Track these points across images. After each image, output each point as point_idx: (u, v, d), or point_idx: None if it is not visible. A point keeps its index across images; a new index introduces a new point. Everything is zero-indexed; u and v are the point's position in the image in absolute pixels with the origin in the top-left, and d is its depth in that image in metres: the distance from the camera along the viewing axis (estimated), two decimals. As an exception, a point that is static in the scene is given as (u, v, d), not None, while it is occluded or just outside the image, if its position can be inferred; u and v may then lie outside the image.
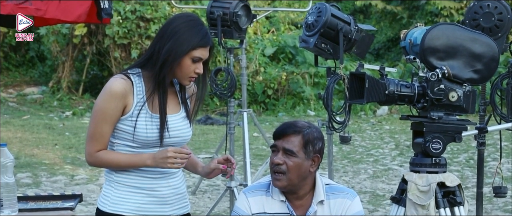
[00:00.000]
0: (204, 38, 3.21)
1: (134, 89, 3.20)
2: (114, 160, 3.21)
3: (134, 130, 3.17)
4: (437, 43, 3.50)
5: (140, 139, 3.18)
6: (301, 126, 3.30)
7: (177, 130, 3.23)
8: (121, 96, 3.16)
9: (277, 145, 3.31)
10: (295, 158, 3.26)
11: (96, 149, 3.21)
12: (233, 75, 6.19)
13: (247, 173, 6.92)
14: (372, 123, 13.17)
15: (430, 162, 3.55)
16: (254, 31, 15.48)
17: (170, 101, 3.26)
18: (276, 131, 3.34)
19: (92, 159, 3.24)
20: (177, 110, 3.27)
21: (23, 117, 13.13)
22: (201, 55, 3.20)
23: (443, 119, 3.52)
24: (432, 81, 3.48)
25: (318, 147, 3.29)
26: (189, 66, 3.20)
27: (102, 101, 3.20)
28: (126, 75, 3.22)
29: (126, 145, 3.21)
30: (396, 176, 8.88)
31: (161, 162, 3.17)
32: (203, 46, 3.21)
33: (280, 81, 14.68)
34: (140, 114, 3.18)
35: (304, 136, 3.28)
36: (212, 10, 6.03)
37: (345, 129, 4.82)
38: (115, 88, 3.18)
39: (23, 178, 8.40)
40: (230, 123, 6.61)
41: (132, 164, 3.21)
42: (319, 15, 4.63)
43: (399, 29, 17.30)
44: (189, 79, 3.23)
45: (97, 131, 3.20)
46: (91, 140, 3.22)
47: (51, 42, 15.36)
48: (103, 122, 3.18)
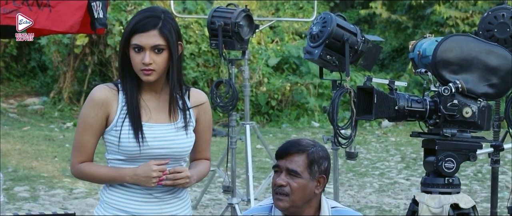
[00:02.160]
0: (139, 22, 2.93)
1: (119, 97, 2.98)
2: (93, 173, 2.99)
3: (119, 140, 2.94)
4: (450, 55, 3.29)
5: (124, 150, 2.95)
6: (306, 145, 3.09)
7: (163, 140, 2.97)
8: (101, 103, 2.95)
9: (280, 165, 3.09)
10: (299, 179, 3.05)
11: (78, 160, 3.01)
12: (234, 87, 5.98)
13: (250, 188, 6.74)
14: (377, 135, 12.96)
15: (442, 182, 3.33)
16: (257, 41, 15.32)
17: (165, 108, 3.01)
18: (278, 150, 3.13)
19: (74, 170, 3.05)
20: (170, 119, 3.01)
21: (23, 128, 12.94)
22: (139, 42, 2.91)
23: (457, 136, 3.30)
24: (444, 96, 3.27)
25: (323, 167, 3.08)
26: (133, 57, 2.94)
27: (83, 109, 3.00)
28: (115, 84, 3.01)
29: (116, 159, 2.99)
30: (403, 190, 8.67)
31: (143, 180, 2.92)
32: (138, 31, 2.91)
33: (284, 92, 14.51)
34: (124, 124, 2.95)
35: (309, 156, 3.06)
36: (213, 20, 5.81)
37: (352, 144, 4.61)
38: (95, 96, 2.97)
39: (21, 191, 8.21)
40: (231, 137, 6.39)
41: (110, 179, 2.97)
42: (324, 26, 4.43)
43: (404, 39, 17.14)
44: (142, 73, 2.94)
45: (78, 141, 3.00)
46: (74, 150, 3.03)
47: (52, 52, 15.22)
48: (84, 132, 2.98)
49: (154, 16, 2.94)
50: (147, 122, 2.97)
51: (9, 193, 8.13)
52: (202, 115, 3.13)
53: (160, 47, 2.94)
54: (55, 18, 4.23)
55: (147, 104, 3.00)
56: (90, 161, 3.01)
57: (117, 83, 3.01)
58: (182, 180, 2.96)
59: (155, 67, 2.93)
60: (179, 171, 2.96)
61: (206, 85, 14.01)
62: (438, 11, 15.63)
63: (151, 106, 3.01)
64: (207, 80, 14.17)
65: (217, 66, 14.04)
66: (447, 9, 15.62)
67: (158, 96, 3.03)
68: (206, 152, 3.20)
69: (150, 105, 3.00)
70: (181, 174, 2.96)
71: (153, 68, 2.93)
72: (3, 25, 4.20)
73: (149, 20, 2.92)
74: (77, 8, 4.29)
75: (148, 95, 3.02)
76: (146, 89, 3.01)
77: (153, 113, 3.00)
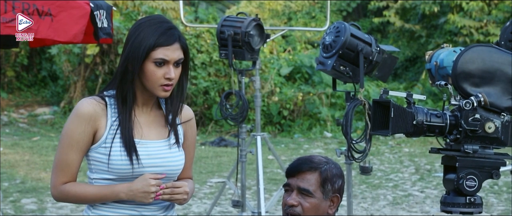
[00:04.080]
0: (163, 34, 2.72)
1: (108, 112, 2.75)
2: (81, 193, 2.72)
3: (109, 158, 2.71)
4: (471, 67, 3.10)
5: (115, 169, 2.73)
6: (318, 162, 2.91)
7: (157, 158, 2.77)
8: (88, 118, 2.71)
9: (290, 183, 2.91)
10: (312, 199, 2.87)
11: (61, 180, 2.74)
12: (244, 99, 5.81)
13: (261, 200, 6.56)
14: (391, 146, 12.77)
15: (464, 202, 3.14)
16: (270, 50, 15.19)
17: (155, 124, 2.81)
18: (289, 167, 2.94)
19: (56, 192, 2.77)
20: (164, 136, 2.81)
21: (32, 138, 12.84)
22: (164, 56, 2.70)
23: (479, 153, 3.11)
24: (466, 110, 3.07)
25: (337, 185, 2.91)
26: (154, 72, 2.72)
27: (68, 124, 2.75)
28: (101, 97, 2.78)
29: (104, 178, 2.75)
30: (417, 202, 8.48)
31: (141, 195, 2.70)
32: (164, 44, 2.71)
33: (296, 102, 14.36)
34: (115, 140, 2.73)
35: (321, 174, 2.88)
36: (223, 29, 5.64)
37: (366, 158, 4.43)
38: (82, 110, 2.72)
39: (28, 204, 8.08)
40: (241, 150, 6.21)
41: (102, 197, 2.73)
42: (338, 35, 4.26)
43: (417, 48, 16.98)
44: (162, 89, 2.74)
45: (62, 159, 2.74)
46: (56, 170, 2.76)
47: (62, 61, 15.14)
48: (69, 149, 2.73)
49: (173, 27, 2.76)
50: (139, 139, 2.77)
51: (16, 205, 8.00)
52: (189, 131, 2.92)
53: (181, 61, 2.77)
54: (57, 28, 4.07)
55: (138, 120, 2.80)
56: (73, 181, 2.76)
57: (103, 97, 2.78)
58: (180, 195, 2.77)
59: (174, 81, 2.76)
60: (177, 186, 2.76)
61: (218, 95, 13.88)
62: (452, 20, 15.47)
63: (142, 122, 2.80)
64: (219, 90, 14.03)
65: (229, 76, 13.90)
66: (461, 18, 15.45)
67: (149, 111, 2.83)
68: (190, 171, 2.99)
69: (141, 121, 2.80)
70: (180, 190, 2.77)
71: (173, 83, 2.76)
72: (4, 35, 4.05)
73: (171, 32, 2.73)
74: (79, 17, 4.13)
75: (139, 110, 2.81)
76: (139, 105, 2.81)
77: (144, 129, 2.79)
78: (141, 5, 14.75)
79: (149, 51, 2.70)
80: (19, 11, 3.99)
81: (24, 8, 4.00)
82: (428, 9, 16.07)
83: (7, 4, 3.98)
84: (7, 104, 15.56)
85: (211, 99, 14.01)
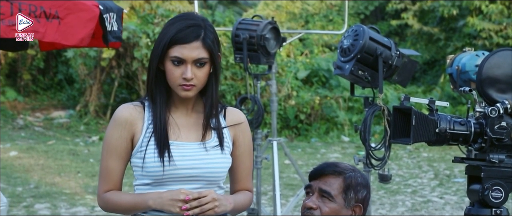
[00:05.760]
0: (181, 31, 2.60)
1: (145, 115, 2.67)
2: (117, 201, 2.66)
3: (143, 161, 2.63)
4: (497, 72, 2.94)
5: (150, 173, 2.63)
6: (344, 168, 2.76)
7: (192, 159, 2.65)
8: (125, 123, 2.64)
9: (312, 185, 2.76)
10: (332, 204, 2.72)
11: (104, 188, 2.69)
12: (260, 103, 5.67)
13: (277, 207, 6.43)
14: (409, 150, 12.58)
15: (489, 214, 2.98)
16: (287, 54, 15.06)
17: (196, 126, 2.69)
18: (313, 170, 2.80)
19: (100, 200, 2.72)
20: (202, 138, 2.69)
21: (48, 142, 12.77)
22: (180, 54, 2.60)
23: (505, 162, 2.95)
24: (491, 118, 2.92)
25: (361, 195, 2.75)
26: (171, 71, 2.63)
27: (107, 131, 2.69)
28: (141, 101, 2.70)
29: (142, 184, 2.67)
30: (437, 209, 8.31)
31: (168, 204, 2.57)
32: (180, 42, 2.60)
33: (313, 106, 14.22)
34: (150, 142, 2.64)
35: (345, 179, 2.73)
36: (238, 32, 5.50)
37: (385, 166, 4.28)
38: (118, 115, 2.67)
39: (42, 209, 7.99)
40: (256, 157, 6.06)
41: (135, 206, 2.63)
42: (356, 39, 4.12)
43: (435, 51, 16.80)
44: (181, 88, 2.63)
45: (103, 167, 2.69)
46: (99, 178, 2.72)
47: (78, 65, 15.08)
48: (109, 156, 2.66)
49: (196, 25, 2.63)
50: (175, 140, 2.66)
51: (29, 210, 7.92)
52: (240, 136, 2.78)
53: (203, 60, 2.64)
54: (65, 31, 3.93)
55: (176, 121, 2.69)
56: (117, 189, 2.70)
57: (143, 101, 2.71)
58: (210, 204, 2.61)
59: (195, 82, 2.63)
60: (203, 195, 2.61)
61: (234, 98, 13.76)
62: (471, 23, 15.28)
63: (181, 124, 2.70)
64: (235, 94, 13.92)
65: (245, 79, 13.78)
66: (480, 21, 15.26)
67: (189, 113, 2.72)
68: (247, 182, 2.83)
69: (179, 123, 2.70)
70: (206, 199, 2.61)
71: (194, 83, 2.63)
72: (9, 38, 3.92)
73: (191, 29, 2.61)
74: (88, 20, 4.00)
75: (178, 112, 2.71)
76: (177, 105, 2.71)
77: (183, 131, 2.69)
78: (157, 8, 14.66)
79: (167, 49, 2.61)
80: (26, 13, 3.87)
81: (30, 10, 3.88)
82: (447, 11, 15.89)
83: (13, 6, 3.86)
84: (23, 107, 15.52)
85: (227, 103, 13.89)
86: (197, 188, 2.67)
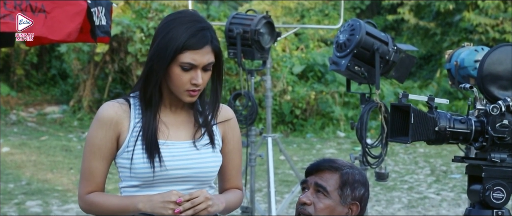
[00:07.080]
0: (193, 36, 2.49)
1: (131, 113, 2.55)
2: (103, 203, 2.54)
3: (131, 162, 2.51)
4: (499, 68, 2.84)
5: (138, 173, 2.52)
6: (341, 164, 2.66)
7: (183, 159, 2.55)
8: (110, 122, 2.53)
9: (308, 180, 2.66)
10: (327, 200, 2.62)
11: (86, 190, 2.57)
12: (254, 100, 5.56)
13: (272, 203, 6.33)
14: (405, 146, 12.50)
15: (490, 215, 2.88)
16: (282, 48, 14.96)
17: (185, 124, 2.59)
18: (309, 165, 2.70)
19: (81, 202, 2.60)
20: (192, 136, 2.59)
21: (41, 138, 12.66)
22: (192, 60, 2.49)
23: (507, 162, 2.85)
24: (493, 116, 2.82)
25: (358, 193, 2.65)
26: (179, 76, 2.51)
27: (89, 130, 2.57)
28: (126, 99, 2.59)
29: (130, 186, 2.55)
30: (433, 205, 8.23)
31: (159, 206, 2.46)
32: (193, 48, 2.49)
33: (309, 101, 14.14)
34: (137, 142, 2.52)
35: (342, 176, 2.63)
36: (231, 27, 5.38)
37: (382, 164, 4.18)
38: (102, 113, 2.55)
39: (33, 206, 7.88)
40: (250, 154, 5.95)
41: (123, 209, 2.51)
42: (352, 34, 4.02)
43: (431, 46, 16.73)
44: (187, 94, 2.53)
45: (85, 167, 2.57)
46: (81, 178, 2.59)
47: (72, 59, 14.97)
48: (92, 156, 2.55)
49: (205, 28, 2.52)
50: (165, 140, 2.56)
51: (21, 207, 7.81)
52: (229, 133, 2.69)
53: (211, 65, 2.55)
54: (51, 25, 3.80)
55: (163, 120, 2.58)
56: (100, 191, 2.59)
57: (128, 98, 2.60)
58: (203, 204, 2.51)
59: (202, 86, 2.55)
60: (195, 196, 2.51)
61: (229, 94, 13.66)
62: (467, 18, 15.21)
63: (168, 122, 2.59)
64: (229, 89, 13.82)
65: (240, 75, 13.70)
66: (476, 16, 15.19)
67: (177, 111, 2.62)
68: (236, 180, 2.74)
69: (166, 121, 2.59)
70: (199, 199, 2.50)
71: (200, 87, 2.55)
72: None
73: (202, 34, 2.50)
74: (74, 14, 3.87)
75: (166, 110, 2.61)
76: (165, 104, 2.60)
77: (171, 130, 2.58)
78: (152, 2, 14.55)
79: (176, 54, 2.48)
80: (11, 6, 3.74)
81: (16, 4, 3.76)
82: (443, 6, 15.81)
83: (-3, 0, 3.73)
84: (16, 102, 15.41)
85: (222, 98, 13.79)
86: (188, 188, 2.58)
